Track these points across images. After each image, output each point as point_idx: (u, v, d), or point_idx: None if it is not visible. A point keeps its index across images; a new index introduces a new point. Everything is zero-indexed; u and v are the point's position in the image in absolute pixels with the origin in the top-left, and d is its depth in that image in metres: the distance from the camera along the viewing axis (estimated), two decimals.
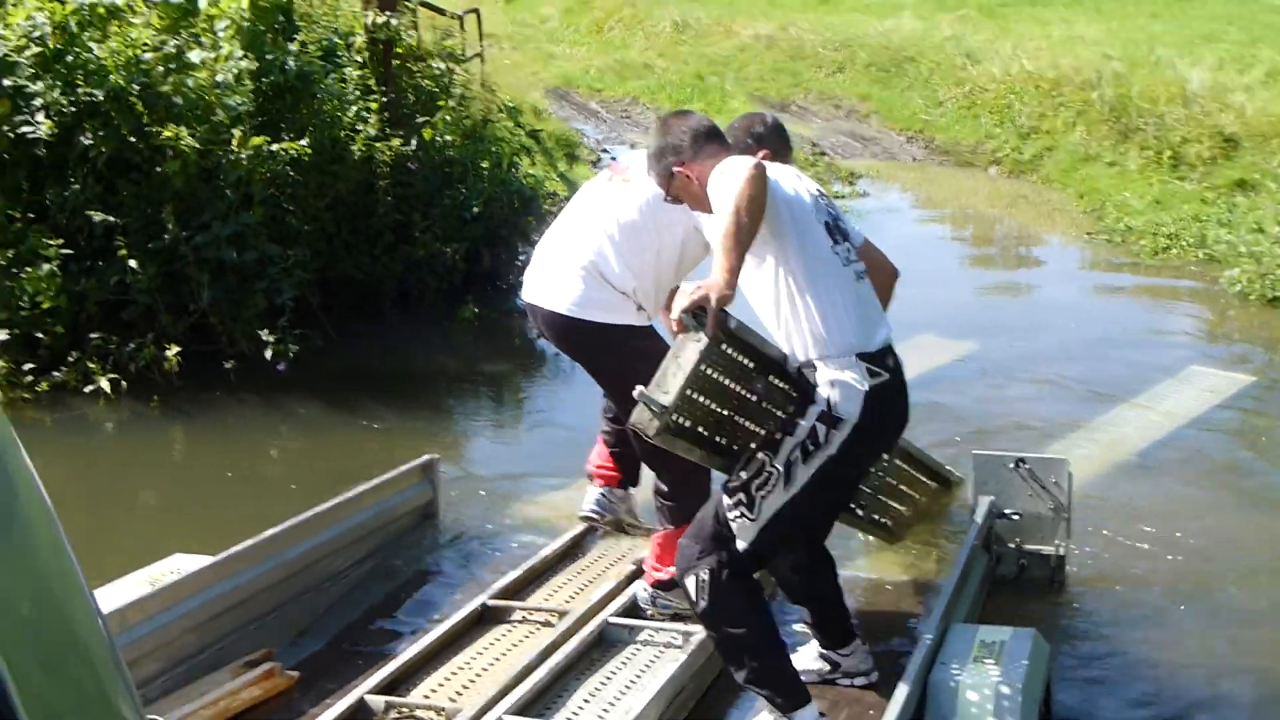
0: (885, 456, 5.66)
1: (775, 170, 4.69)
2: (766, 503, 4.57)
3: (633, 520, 6.22)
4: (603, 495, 6.10)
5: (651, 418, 4.25)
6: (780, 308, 4.58)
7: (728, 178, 4.39)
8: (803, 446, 4.53)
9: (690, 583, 4.67)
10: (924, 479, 6.75)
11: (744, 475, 4.60)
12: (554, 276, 5.40)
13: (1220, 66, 19.40)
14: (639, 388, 4.30)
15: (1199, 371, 10.06)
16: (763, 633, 4.72)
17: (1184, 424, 8.94)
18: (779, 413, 4.61)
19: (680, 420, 4.38)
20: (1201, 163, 16.39)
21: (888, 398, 4.62)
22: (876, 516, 6.25)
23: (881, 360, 4.62)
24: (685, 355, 4.26)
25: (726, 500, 4.64)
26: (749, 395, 4.56)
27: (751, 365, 4.54)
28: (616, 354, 5.33)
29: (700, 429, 4.49)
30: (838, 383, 4.52)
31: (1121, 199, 15.92)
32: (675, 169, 4.77)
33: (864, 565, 6.60)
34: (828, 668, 5.34)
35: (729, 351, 4.45)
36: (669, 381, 4.26)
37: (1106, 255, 14.38)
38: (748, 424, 4.61)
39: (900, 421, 4.88)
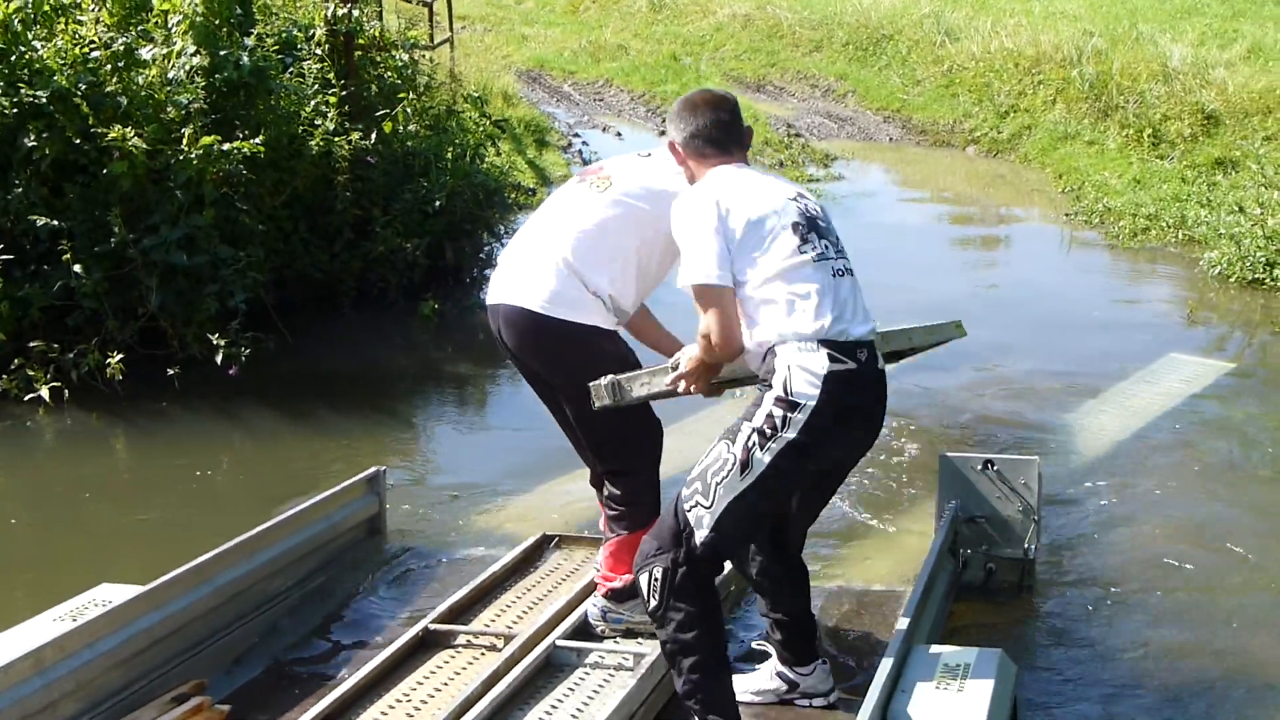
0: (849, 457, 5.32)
1: (738, 185, 4.71)
2: (721, 490, 4.50)
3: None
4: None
5: (605, 399, 4.90)
6: (747, 306, 4.57)
7: (679, 227, 4.69)
8: (760, 432, 4.46)
9: (644, 580, 4.62)
10: None
11: (703, 464, 4.56)
12: (524, 274, 5.27)
13: (1202, 42, 19.34)
14: (612, 376, 4.88)
15: (1177, 359, 9.93)
16: (708, 644, 4.60)
17: (1161, 415, 8.82)
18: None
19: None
20: (1182, 141, 16.28)
21: (851, 386, 4.50)
22: None
23: (850, 351, 4.52)
24: (655, 386, 4.83)
25: (685, 492, 4.59)
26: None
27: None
28: (579, 354, 5.20)
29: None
30: (795, 366, 4.46)
31: (1101, 178, 15.82)
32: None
33: (825, 574, 6.42)
34: (785, 687, 5.21)
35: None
36: (635, 391, 4.87)
37: (1085, 236, 14.23)
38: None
39: (868, 417, 4.71)
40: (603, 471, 5.51)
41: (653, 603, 4.62)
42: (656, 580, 4.58)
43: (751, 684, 5.17)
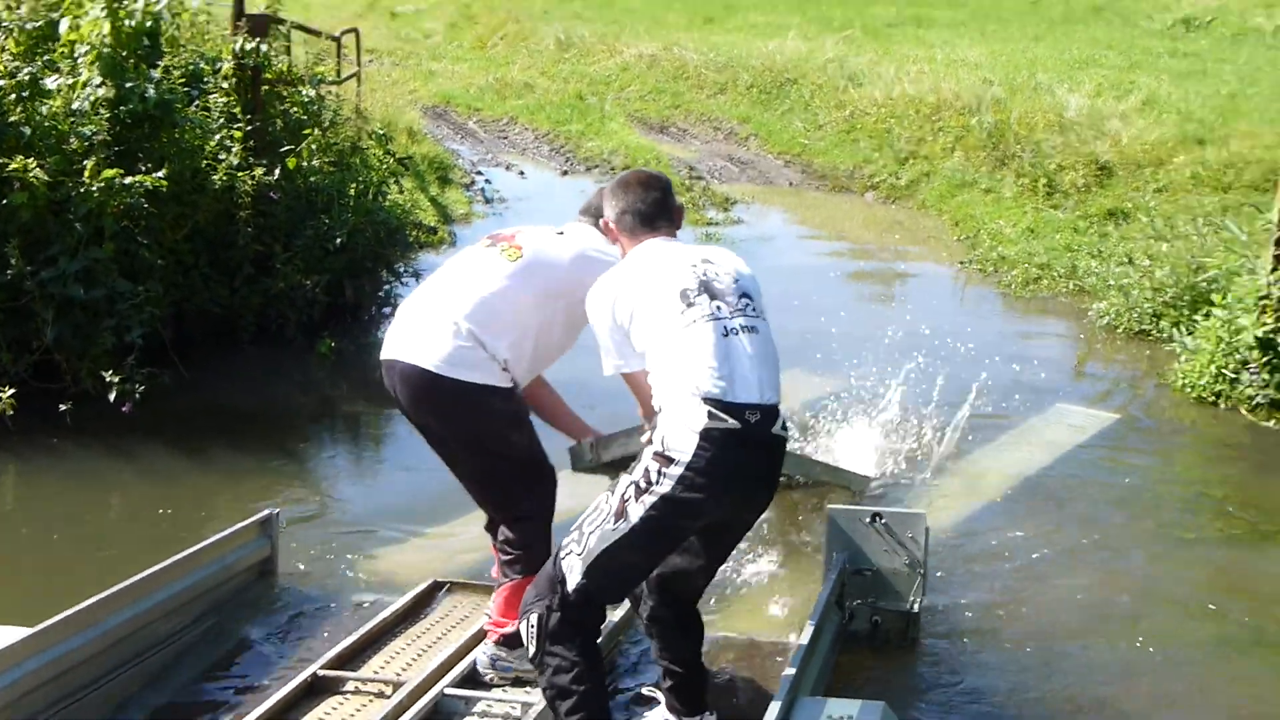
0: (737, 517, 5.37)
1: (641, 265, 4.89)
2: (593, 539, 4.62)
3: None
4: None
5: (587, 458, 5.43)
6: (651, 374, 4.73)
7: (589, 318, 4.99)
8: (636, 484, 4.58)
9: (523, 627, 4.75)
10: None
11: (584, 513, 4.70)
12: (422, 333, 5.32)
13: (1098, 93, 19.61)
14: (592, 436, 5.49)
15: (1064, 409, 10.07)
16: (585, 689, 4.67)
17: (1047, 465, 8.95)
18: None
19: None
20: (1076, 191, 16.49)
21: (731, 445, 4.56)
22: None
23: (735, 411, 4.54)
24: (630, 446, 5.11)
25: (564, 540, 4.72)
26: None
27: None
28: (473, 411, 5.29)
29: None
30: (673, 421, 4.57)
31: (996, 227, 15.96)
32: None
33: (713, 623, 6.46)
34: None
35: None
36: (613, 451, 5.32)
37: (979, 285, 14.40)
38: None
39: (752, 478, 4.75)
40: (499, 517, 5.55)
41: (531, 648, 4.73)
42: (533, 626, 4.70)
43: None
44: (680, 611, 5.17)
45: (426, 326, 5.33)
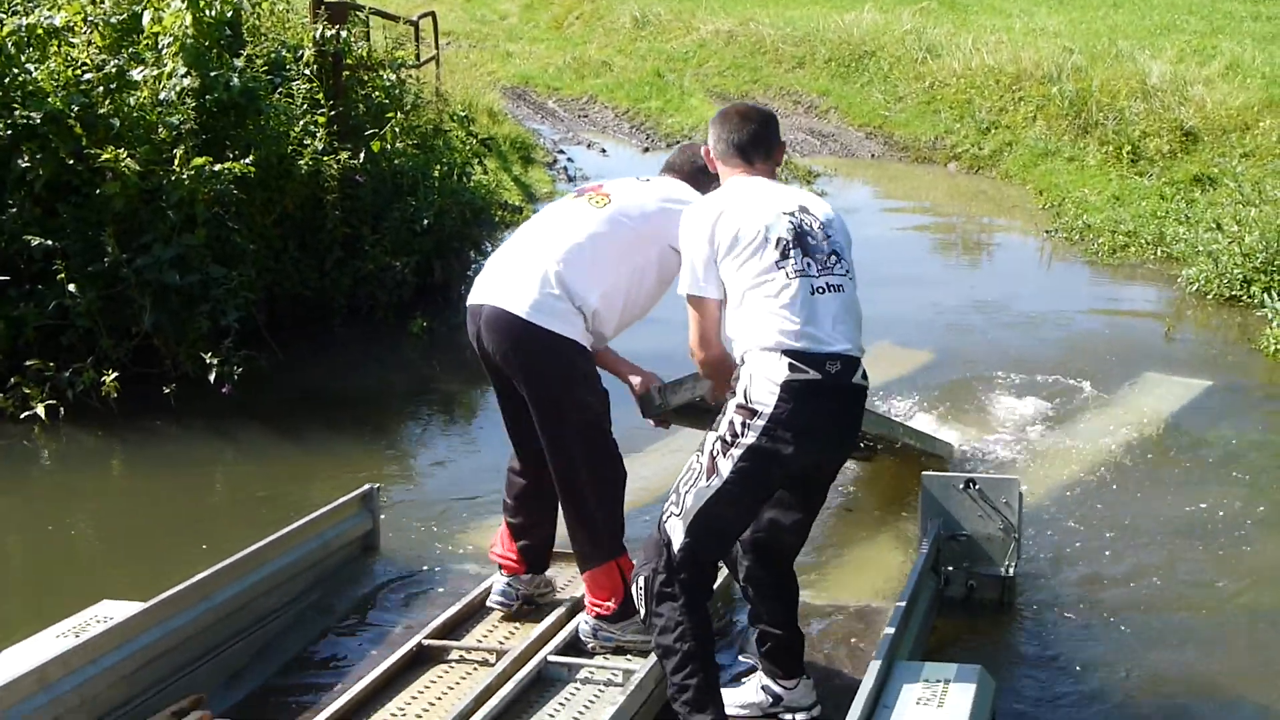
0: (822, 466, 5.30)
1: (739, 196, 4.89)
2: (690, 497, 4.71)
3: (544, 591, 6.08)
4: (508, 585, 5.94)
5: (656, 402, 5.34)
6: (728, 318, 4.82)
7: (681, 235, 4.98)
8: (722, 439, 4.67)
9: (634, 590, 4.86)
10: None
11: (679, 477, 4.79)
12: (511, 279, 5.30)
13: (1180, 59, 19.43)
14: (658, 384, 5.37)
15: (1155, 377, 10.03)
16: (692, 648, 4.74)
17: (1138, 436, 8.90)
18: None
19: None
20: (1160, 157, 16.39)
21: (812, 395, 4.65)
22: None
23: (817, 362, 4.65)
24: (698, 390, 5.20)
25: (665, 506, 4.81)
26: None
27: None
28: (556, 366, 5.27)
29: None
30: (755, 374, 4.65)
31: (1080, 195, 15.91)
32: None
33: (809, 589, 6.52)
34: (769, 700, 5.28)
35: None
36: (679, 395, 5.29)
37: (1065, 253, 14.35)
38: None
39: (833, 428, 4.83)
40: (560, 492, 5.55)
41: (641, 610, 4.86)
42: (641, 589, 4.81)
43: (737, 698, 5.24)
44: (776, 572, 5.21)
45: (516, 273, 5.31)
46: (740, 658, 5.74)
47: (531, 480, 5.75)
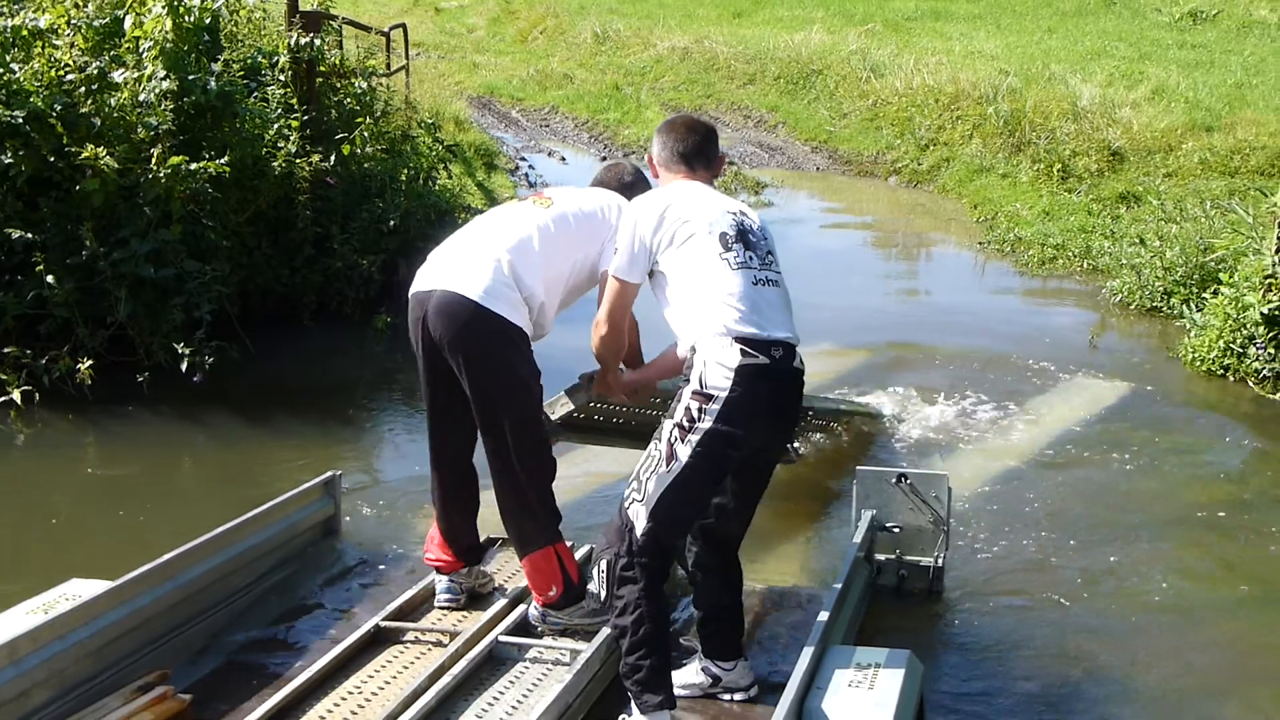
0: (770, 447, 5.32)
1: (685, 193, 4.99)
2: (651, 484, 4.73)
3: (483, 581, 6.05)
4: (451, 582, 5.89)
5: (566, 405, 5.52)
6: (673, 307, 4.88)
7: (623, 222, 5.06)
8: (679, 426, 4.70)
9: (595, 573, 4.93)
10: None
11: (638, 465, 4.79)
12: (464, 267, 5.25)
13: (1109, 83, 19.56)
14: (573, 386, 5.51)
15: (1079, 382, 10.07)
16: (647, 629, 4.74)
17: (1064, 434, 8.95)
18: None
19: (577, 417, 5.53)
20: (1089, 175, 16.48)
21: (761, 379, 4.71)
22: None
23: (763, 348, 4.72)
24: (577, 400, 5.48)
25: (625, 492, 4.82)
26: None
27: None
28: (506, 352, 5.22)
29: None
30: (709, 360, 4.70)
31: (1013, 209, 15.97)
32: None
33: (752, 578, 6.51)
34: (709, 681, 5.29)
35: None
36: (578, 398, 5.49)
37: (997, 263, 14.40)
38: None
39: (781, 408, 4.88)
40: (499, 492, 5.47)
41: (602, 592, 4.87)
42: (603, 572, 4.81)
43: (679, 678, 5.22)
44: (721, 558, 5.23)
45: (467, 261, 5.26)
46: (682, 640, 5.72)
47: (451, 481, 5.73)
